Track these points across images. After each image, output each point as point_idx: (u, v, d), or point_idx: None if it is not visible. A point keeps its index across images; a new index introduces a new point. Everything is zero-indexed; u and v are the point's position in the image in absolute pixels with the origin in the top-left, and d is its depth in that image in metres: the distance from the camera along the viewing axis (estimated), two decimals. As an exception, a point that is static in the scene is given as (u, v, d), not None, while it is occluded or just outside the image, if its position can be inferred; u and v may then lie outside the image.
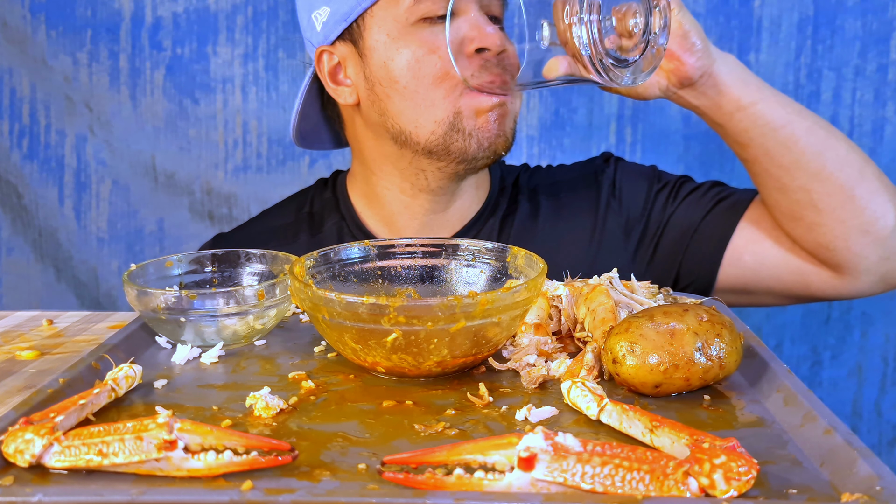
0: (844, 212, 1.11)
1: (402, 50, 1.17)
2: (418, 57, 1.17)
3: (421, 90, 1.18)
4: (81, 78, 1.87)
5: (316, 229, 1.34)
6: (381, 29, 1.19)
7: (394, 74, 1.19)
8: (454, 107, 1.18)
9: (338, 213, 1.34)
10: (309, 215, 1.36)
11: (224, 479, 0.58)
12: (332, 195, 1.37)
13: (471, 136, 1.19)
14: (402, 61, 1.18)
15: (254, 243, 1.35)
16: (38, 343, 0.97)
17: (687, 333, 0.71)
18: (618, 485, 0.54)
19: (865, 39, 1.72)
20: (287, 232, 1.35)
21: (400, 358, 0.73)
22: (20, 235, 1.95)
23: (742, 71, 1.11)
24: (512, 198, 1.34)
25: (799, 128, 1.10)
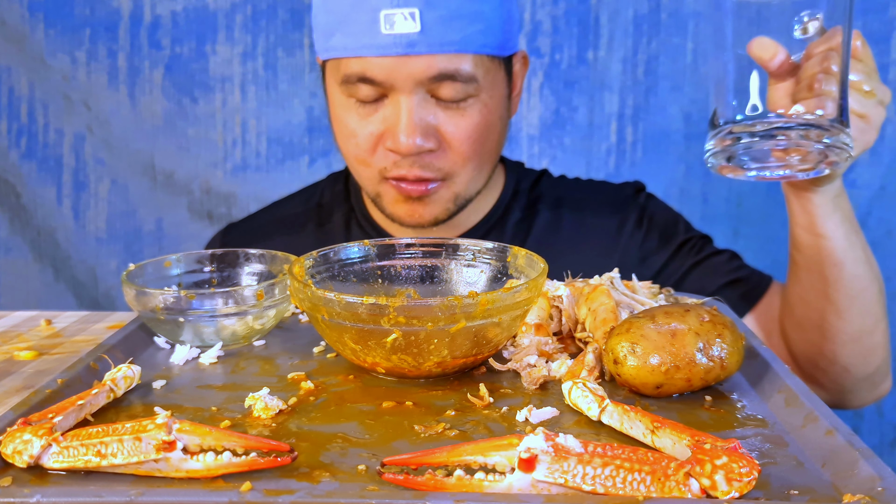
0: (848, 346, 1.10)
1: (340, 116, 1.19)
2: (343, 132, 1.19)
3: (350, 160, 1.21)
4: (80, 77, 1.87)
5: (324, 220, 1.34)
6: (329, 85, 1.20)
7: (335, 131, 1.22)
8: (375, 188, 1.20)
9: (347, 205, 1.34)
10: (318, 206, 1.37)
11: (223, 480, 0.57)
12: (344, 187, 1.37)
13: (391, 215, 1.22)
14: (338, 126, 1.20)
15: (262, 233, 1.35)
16: (37, 343, 0.96)
17: (688, 334, 0.71)
18: (619, 486, 0.54)
19: (866, 39, 1.72)
20: (295, 222, 1.35)
21: (400, 358, 0.73)
22: (18, 235, 1.95)
23: (834, 201, 1.04)
24: (529, 204, 1.32)
25: (847, 273, 1.07)
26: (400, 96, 1.12)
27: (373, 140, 1.15)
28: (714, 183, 1.83)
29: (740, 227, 1.84)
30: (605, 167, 1.84)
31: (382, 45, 1.09)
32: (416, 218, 1.20)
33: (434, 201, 1.19)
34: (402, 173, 1.15)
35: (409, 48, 1.09)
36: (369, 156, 1.17)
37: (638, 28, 1.79)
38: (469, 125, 1.15)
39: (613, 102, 1.81)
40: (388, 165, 1.16)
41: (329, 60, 1.18)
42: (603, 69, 1.81)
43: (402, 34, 1.09)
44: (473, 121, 1.15)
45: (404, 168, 1.15)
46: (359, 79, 1.12)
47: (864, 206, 1.79)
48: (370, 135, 1.15)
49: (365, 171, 1.19)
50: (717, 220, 1.84)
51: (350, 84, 1.14)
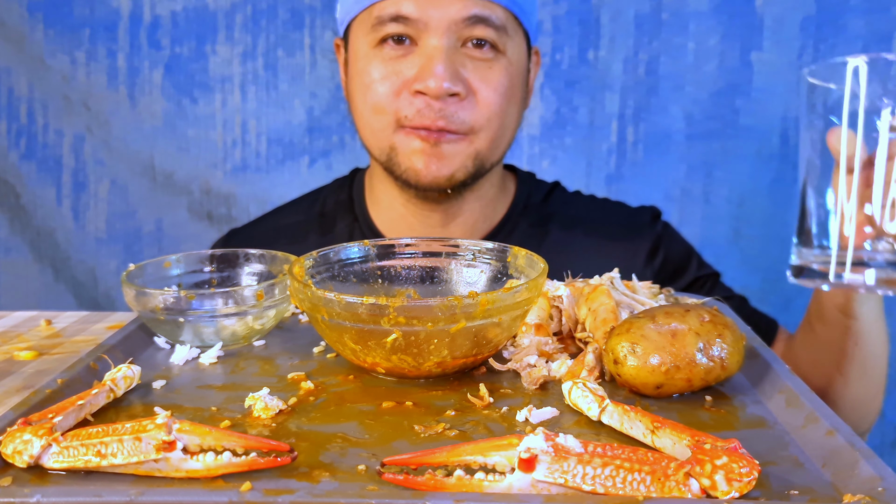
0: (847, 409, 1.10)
1: (363, 70, 1.17)
2: (366, 83, 1.16)
3: (366, 115, 1.19)
4: (79, 77, 1.87)
5: (327, 229, 1.33)
6: (356, 43, 1.19)
7: (353, 92, 1.20)
8: (389, 140, 1.18)
9: (351, 215, 1.33)
10: (320, 215, 1.35)
11: (223, 480, 0.57)
12: (348, 196, 1.35)
13: (405, 172, 1.19)
14: (359, 82, 1.18)
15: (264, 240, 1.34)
16: (37, 343, 0.96)
17: (689, 334, 0.71)
18: (619, 486, 0.54)
19: (868, 38, 1.72)
20: (297, 231, 1.35)
21: (400, 359, 0.73)
22: (18, 235, 1.95)
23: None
24: (540, 220, 1.31)
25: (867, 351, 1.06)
26: (432, 38, 1.12)
27: (397, 85, 1.14)
28: (715, 183, 1.83)
29: (741, 227, 1.84)
30: (605, 167, 1.84)
31: None
32: (433, 172, 1.16)
33: (453, 155, 1.16)
34: (426, 123, 1.13)
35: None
36: (390, 102, 1.14)
37: (639, 28, 1.79)
38: (495, 80, 1.15)
39: (614, 102, 1.81)
40: (410, 114, 1.14)
41: (358, 16, 1.17)
42: (604, 69, 1.81)
43: None
44: (499, 77, 1.15)
45: (428, 117, 1.13)
46: (392, 18, 1.12)
47: (865, 206, 1.79)
48: (395, 79, 1.14)
49: (381, 120, 1.16)
50: (718, 221, 1.83)
51: (381, 25, 1.13)
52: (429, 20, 1.11)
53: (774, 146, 1.79)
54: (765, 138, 1.79)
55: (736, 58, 1.77)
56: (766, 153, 1.80)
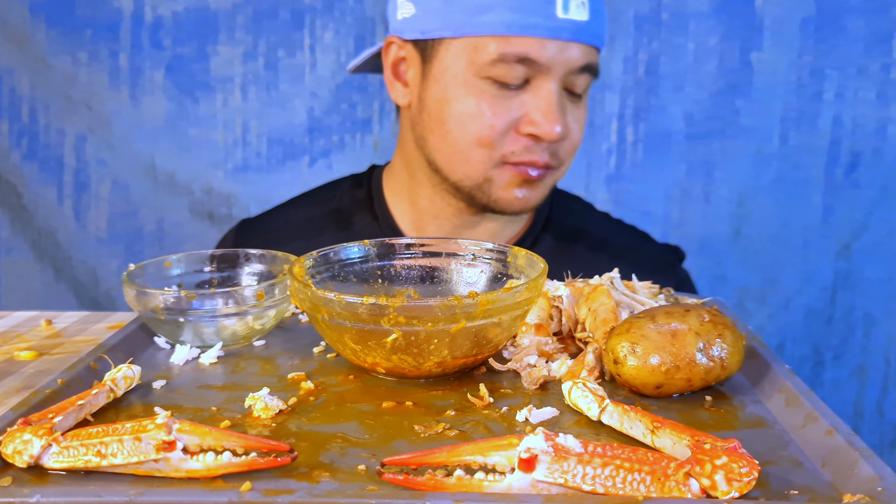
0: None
1: (461, 99, 1.15)
2: (471, 114, 1.14)
3: (461, 143, 1.16)
4: (81, 77, 1.87)
5: (344, 226, 1.32)
6: (451, 66, 1.15)
7: (444, 116, 1.17)
8: (485, 172, 1.18)
9: (370, 214, 1.31)
10: (336, 211, 1.34)
11: (223, 480, 0.57)
12: (367, 193, 1.34)
13: (495, 203, 1.20)
14: (456, 109, 1.15)
15: (278, 234, 1.32)
16: (37, 343, 0.96)
17: (689, 334, 0.71)
18: (619, 486, 0.54)
19: (869, 39, 1.72)
20: (312, 226, 1.33)
21: (400, 358, 0.73)
22: (19, 235, 1.95)
23: None
24: (565, 236, 1.30)
25: None
26: (550, 83, 1.12)
27: (509, 124, 1.14)
28: (715, 183, 1.83)
29: (741, 227, 1.84)
30: (605, 167, 1.84)
31: (555, 27, 1.09)
32: (524, 202, 1.19)
33: (540, 187, 1.19)
34: (534, 159, 1.15)
35: (576, 35, 1.10)
36: (499, 139, 1.14)
37: (639, 28, 1.79)
38: (582, 118, 1.19)
39: (614, 102, 1.81)
40: (517, 150, 1.15)
41: (458, 39, 1.13)
42: (604, 69, 1.80)
43: (575, 20, 1.09)
44: (582, 114, 1.19)
45: (536, 154, 1.15)
46: (519, 59, 1.10)
47: (866, 205, 1.79)
48: (508, 118, 1.13)
49: (482, 154, 1.16)
50: (718, 220, 1.84)
51: (503, 63, 1.11)
52: (552, 65, 1.11)
53: (774, 146, 1.79)
54: (765, 138, 1.79)
55: (736, 58, 1.77)
56: (765, 153, 1.80)
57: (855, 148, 1.77)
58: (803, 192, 1.80)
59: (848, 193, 1.79)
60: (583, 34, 1.11)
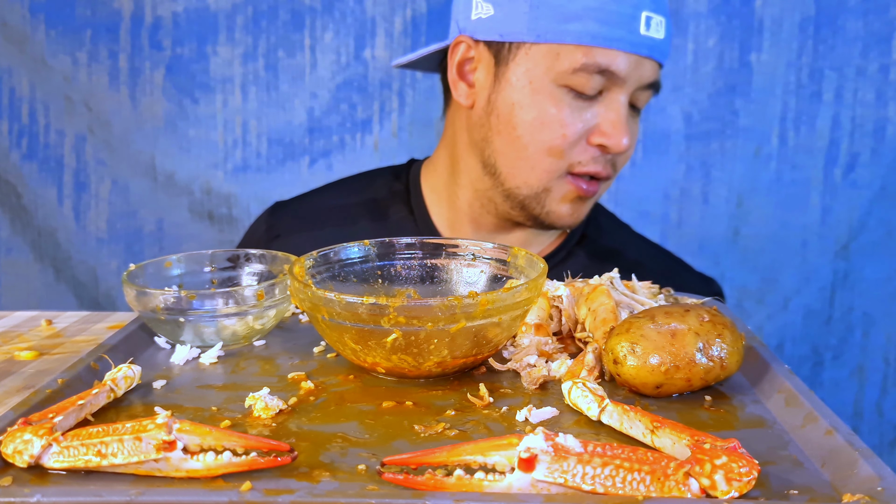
0: None
1: (537, 105, 1.15)
2: (545, 121, 1.15)
3: (531, 150, 1.17)
4: (81, 77, 1.87)
5: (378, 216, 1.31)
6: (528, 70, 1.15)
7: (515, 120, 1.17)
8: (548, 181, 1.18)
9: (406, 207, 1.31)
10: (372, 201, 1.33)
11: (223, 480, 0.57)
12: (404, 186, 1.34)
13: (547, 215, 1.21)
14: (530, 114, 1.16)
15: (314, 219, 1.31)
16: (37, 343, 0.96)
17: (688, 334, 0.71)
18: (618, 486, 0.54)
19: (867, 39, 1.72)
20: (347, 213, 1.33)
21: (400, 358, 0.73)
22: (19, 235, 1.95)
23: None
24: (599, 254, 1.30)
25: None
26: (621, 95, 1.14)
27: (582, 133, 1.15)
28: (714, 183, 1.83)
29: (740, 226, 1.84)
30: (605, 168, 1.83)
31: (638, 43, 1.12)
32: (575, 217, 1.21)
33: (591, 202, 1.22)
34: (598, 169, 1.17)
35: (652, 51, 1.13)
36: (571, 148, 1.16)
37: (638, 28, 1.79)
38: (636, 133, 1.21)
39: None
40: (584, 160, 1.16)
41: (538, 45, 1.14)
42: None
43: (654, 38, 1.13)
44: (637, 129, 1.22)
45: (600, 164, 1.17)
46: (599, 70, 1.12)
47: (865, 206, 1.79)
48: (582, 127, 1.15)
49: (549, 163, 1.17)
50: (717, 220, 1.84)
51: (584, 73, 1.12)
52: (628, 79, 1.13)
53: (773, 146, 1.80)
54: (763, 138, 1.79)
55: (735, 58, 1.77)
56: (764, 153, 1.80)
57: (853, 148, 1.78)
58: (802, 192, 1.80)
59: (846, 194, 1.80)
60: (657, 51, 1.14)
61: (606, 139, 1.14)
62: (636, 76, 1.14)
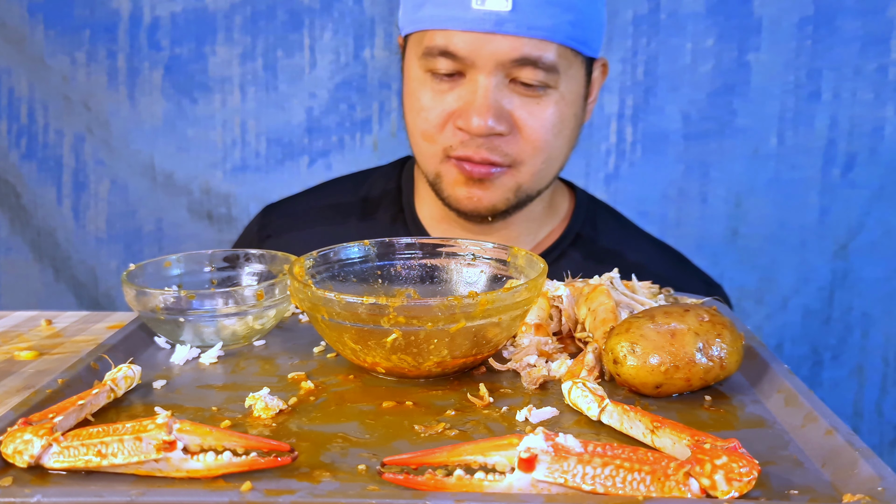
0: None
1: (411, 92, 1.17)
2: (414, 106, 1.17)
3: (416, 138, 1.19)
4: (80, 77, 1.87)
5: (368, 214, 1.32)
6: (408, 60, 1.19)
7: (406, 108, 1.20)
8: (435, 166, 1.18)
9: (396, 205, 1.31)
10: (364, 200, 1.34)
11: (223, 480, 0.57)
12: (397, 185, 1.34)
13: (448, 200, 1.19)
14: (408, 101, 1.18)
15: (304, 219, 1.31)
16: (37, 343, 0.96)
17: (688, 334, 0.71)
18: (619, 486, 0.54)
19: (865, 39, 1.72)
20: (337, 213, 1.33)
21: (400, 358, 0.73)
22: (18, 235, 1.95)
23: None
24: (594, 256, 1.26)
25: None
26: (479, 75, 1.11)
27: (444, 116, 1.14)
28: (713, 183, 1.83)
29: (739, 226, 1.84)
30: (604, 167, 1.84)
31: (470, 19, 1.08)
32: (475, 202, 1.17)
33: (496, 187, 1.16)
34: (469, 154, 1.13)
35: (497, 26, 1.08)
36: (437, 132, 1.15)
37: (637, 29, 1.79)
38: (543, 114, 1.13)
39: (613, 103, 1.81)
40: (454, 144, 1.14)
41: (412, 34, 1.16)
42: (602, 70, 1.81)
43: (493, 11, 1.07)
44: (548, 111, 1.13)
45: (471, 149, 1.13)
46: (440, 52, 1.11)
47: (863, 205, 1.79)
48: (442, 111, 1.14)
49: (429, 148, 1.17)
50: (715, 220, 1.84)
51: (431, 57, 1.12)
52: (476, 58, 1.10)
53: (771, 146, 1.80)
54: (762, 138, 1.79)
55: (733, 58, 1.77)
56: (762, 153, 1.80)
57: (851, 148, 1.78)
58: (800, 192, 1.80)
59: (845, 193, 1.80)
60: (506, 25, 1.07)
61: (462, 120, 1.12)
62: (487, 55, 1.09)
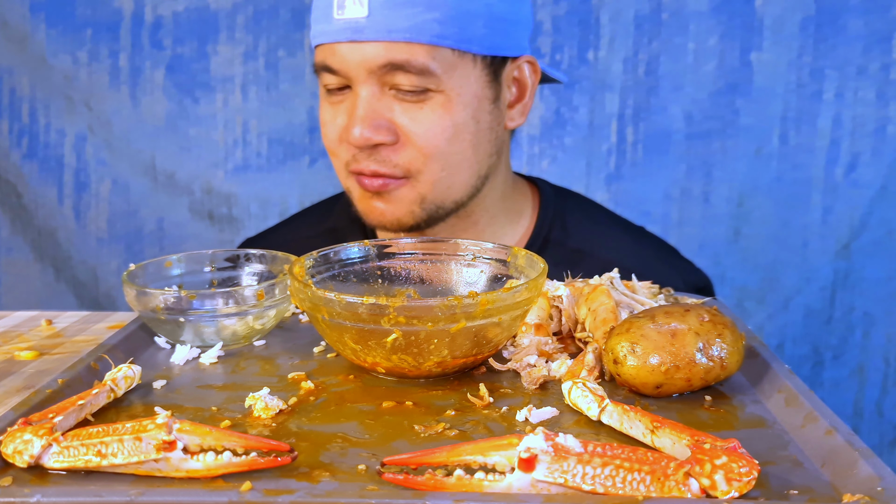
0: None
1: (320, 110, 1.18)
2: (321, 124, 1.17)
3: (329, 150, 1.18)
4: (81, 77, 1.87)
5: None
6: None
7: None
8: (345, 182, 1.18)
9: (361, 233, 1.28)
10: (331, 231, 1.31)
11: (223, 480, 0.57)
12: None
13: (360, 214, 1.18)
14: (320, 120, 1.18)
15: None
16: (37, 343, 0.96)
17: (688, 334, 0.71)
18: (618, 486, 0.54)
19: (868, 39, 1.72)
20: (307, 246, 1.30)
21: (400, 358, 0.73)
22: (19, 235, 1.95)
23: None
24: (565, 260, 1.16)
25: None
26: (357, 86, 1.09)
27: (338, 131, 1.13)
28: (715, 183, 1.83)
29: (741, 226, 1.84)
30: (605, 167, 1.84)
31: (335, 30, 1.07)
32: (378, 216, 1.15)
33: (396, 200, 1.13)
34: (360, 167, 1.12)
35: (356, 34, 1.05)
36: (336, 147, 1.14)
37: (639, 28, 1.79)
38: (427, 119, 1.09)
39: (614, 102, 1.81)
40: (348, 159, 1.13)
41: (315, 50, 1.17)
42: (604, 69, 1.81)
43: (351, 19, 1.05)
44: (433, 115, 1.09)
45: (361, 162, 1.11)
46: (322, 67, 1.11)
47: (866, 205, 1.79)
48: (336, 126, 1.13)
49: (336, 163, 1.17)
50: (717, 221, 1.84)
51: (320, 73, 1.12)
52: (348, 69, 1.08)
53: (774, 146, 1.80)
54: (764, 138, 1.79)
55: (735, 58, 1.77)
56: (765, 153, 1.80)
57: (854, 148, 1.77)
58: (803, 191, 1.80)
59: (847, 193, 1.79)
60: (365, 31, 1.05)
61: (345, 134, 1.11)
62: (355, 64, 1.07)
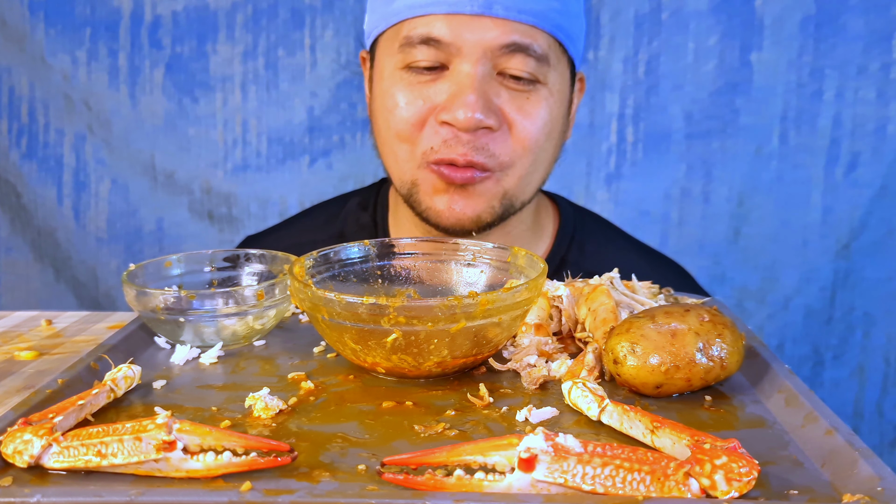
0: None
1: (384, 91, 1.07)
2: (390, 107, 1.06)
3: (389, 141, 1.08)
4: (80, 76, 1.87)
5: None
6: (381, 60, 1.09)
7: (374, 113, 1.11)
8: (412, 174, 1.07)
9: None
10: (340, 237, 1.24)
11: (223, 480, 0.57)
12: (371, 219, 1.25)
13: (427, 214, 1.09)
14: (383, 104, 1.08)
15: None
16: (37, 343, 0.96)
17: (688, 334, 0.71)
18: (618, 486, 0.54)
19: (868, 38, 1.72)
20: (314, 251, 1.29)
21: (400, 358, 0.73)
22: (19, 235, 1.95)
23: None
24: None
25: None
26: (465, 64, 1.01)
27: (424, 112, 1.04)
28: (715, 183, 1.83)
29: (741, 226, 1.84)
30: (605, 167, 1.84)
31: (454, 1, 0.99)
32: (457, 213, 1.06)
33: (479, 194, 1.06)
34: (452, 156, 1.03)
35: (484, 8, 0.99)
36: (416, 131, 1.04)
37: (639, 27, 1.79)
38: (534, 111, 1.04)
39: (614, 102, 1.81)
40: (436, 145, 1.03)
41: (385, 32, 1.08)
42: (604, 69, 1.81)
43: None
44: (538, 108, 1.05)
45: (456, 149, 1.02)
46: (421, 40, 1.01)
47: (866, 205, 1.79)
48: (422, 106, 1.04)
49: (404, 151, 1.06)
50: (717, 220, 1.84)
51: (409, 48, 1.02)
52: (462, 44, 1.00)
53: (774, 145, 1.80)
54: (764, 137, 1.79)
55: (735, 57, 1.77)
56: (765, 152, 1.80)
57: (854, 147, 1.77)
58: (803, 191, 1.80)
59: (847, 193, 1.79)
60: (495, 7, 0.99)
61: (447, 113, 1.01)
62: (474, 40, 1.00)
